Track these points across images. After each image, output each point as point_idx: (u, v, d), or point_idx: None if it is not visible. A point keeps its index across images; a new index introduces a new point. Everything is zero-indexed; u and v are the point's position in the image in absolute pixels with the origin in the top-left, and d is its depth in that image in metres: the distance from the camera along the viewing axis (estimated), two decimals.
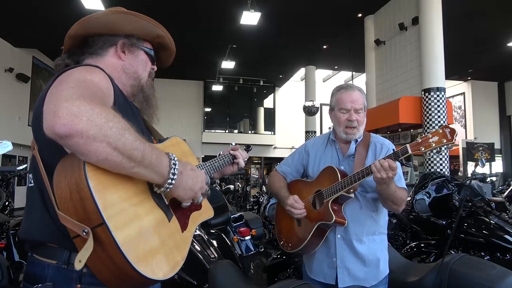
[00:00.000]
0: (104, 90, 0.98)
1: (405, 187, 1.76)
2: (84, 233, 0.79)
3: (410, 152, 1.50)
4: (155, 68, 1.31)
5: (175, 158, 0.96)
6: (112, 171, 0.85)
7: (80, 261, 0.78)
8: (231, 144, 1.59)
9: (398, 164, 1.79)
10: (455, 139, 1.44)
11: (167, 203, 1.02)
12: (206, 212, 1.25)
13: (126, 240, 0.82)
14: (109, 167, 0.84)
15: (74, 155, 0.83)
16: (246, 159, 1.57)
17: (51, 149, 0.93)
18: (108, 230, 0.79)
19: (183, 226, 1.07)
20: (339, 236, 1.76)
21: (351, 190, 1.65)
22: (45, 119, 0.80)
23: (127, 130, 0.84)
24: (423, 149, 1.49)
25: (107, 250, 0.81)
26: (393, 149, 1.66)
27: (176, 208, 1.05)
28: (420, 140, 1.50)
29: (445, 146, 1.46)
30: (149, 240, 0.90)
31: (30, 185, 1.04)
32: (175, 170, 0.94)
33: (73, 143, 0.78)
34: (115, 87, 1.06)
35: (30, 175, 1.04)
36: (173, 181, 0.94)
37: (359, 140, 1.83)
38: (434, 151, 1.50)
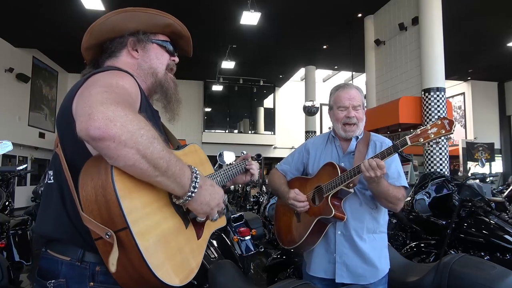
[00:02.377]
0: (133, 96, 0.99)
1: (406, 185, 1.76)
2: (107, 236, 0.81)
3: (409, 143, 1.51)
4: (176, 59, 1.29)
5: (197, 172, 0.97)
6: (137, 177, 0.87)
7: (113, 264, 0.80)
8: (243, 153, 1.56)
9: (398, 161, 1.79)
10: (453, 130, 1.44)
11: (184, 210, 1.03)
12: (220, 220, 1.25)
13: (147, 245, 0.83)
14: (134, 173, 0.85)
15: (101, 158, 0.84)
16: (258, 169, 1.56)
17: (76, 148, 0.94)
18: (131, 235, 0.81)
19: (199, 233, 1.09)
20: (339, 232, 1.77)
21: (351, 185, 1.66)
22: (80, 121, 0.81)
23: (156, 139, 0.85)
24: (422, 140, 1.49)
25: (128, 254, 0.82)
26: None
27: (192, 216, 1.06)
28: (419, 132, 1.51)
29: (444, 137, 1.47)
30: (168, 246, 0.92)
31: (49, 181, 1.05)
32: (196, 183, 0.95)
33: (105, 146, 0.79)
34: (142, 92, 1.07)
35: (50, 172, 1.05)
36: (193, 194, 0.95)
37: (359, 137, 1.84)
38: (433, 142, 1.50)
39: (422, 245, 3.29)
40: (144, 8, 1.16)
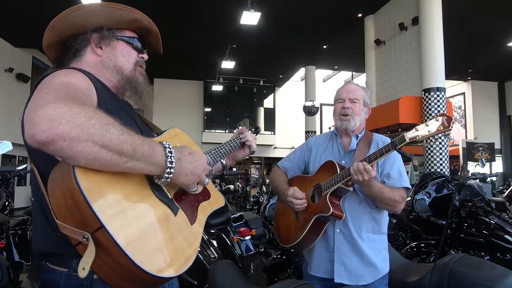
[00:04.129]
0: (84, 90, 0.94)
1: (408, 186, 1.76)
2: (85, 239, 0.77)
3: (407, 140, 1.51)
4: (145, 56, 1.23)
5: (170, 146, 0.92)
6: (105, 170, 0.81)
7: (84, 269, 0.76)
8: (238, 127, 1.54)
9: (401, 162, 1.79)
10: (451, 127, 1.45)
11: (170, 197, 0.98)
12: (216, 201, 1.20)
13: (129, 241, 0.79)
14: (100, 167, 0.80)
15: (63, 161, 0.80)
16: (256, 140, 1.51)
17: (44, 160, 0.91)
18: (108, 233, 0.76)
19: (192, 218, 1.03)
20: (338, 230, 1.77)
21: (350, 183, 1.66)
22: (25, 129, 0.77)
23: (111, 125, 0.80)
24: (420, 137, 1.49)
25: (110, 253, 0.78)
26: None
27: (181, 201, 1.02)
28: (417, 129, 1.52)
29: (442, 134, 1.47)
30: (155, 237, 0.87)
31: (32, 199, 1.04)
32: (172, 158, 0.90)
33: (57, 148, 0.74)
34: (97, 86, 1.02)
35: (31, 190, 1.05)
36: (172, 170, 0.90)
37: (360, 136, 1.85)
38: (432, 138, 1.51)
39: (422, 245, 3.28)
40: (107, 3, 1.11)
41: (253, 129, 1.59)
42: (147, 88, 1.21)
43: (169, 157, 0.90)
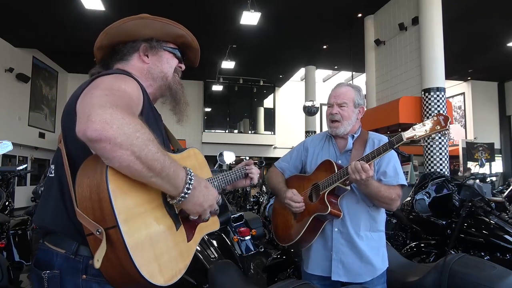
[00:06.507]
0: (134, 99, 1.03)
1: (404, 183, 1.77)
2: (98, 233, 0.85)
3: (404, 139, 1.52)
4: (183, 67, 1.36)
5: (192, 173, 1.00)
6: (132, 177, 0.91)
7: (98, 260, 0.84)
8: (245, 158, 1.59)
9: (397, 159, 1.80)
10: (448, 126, 1.46)
11: (177, 213, 1.07)
12: (213, 224, 1.29)
13: (135, 244, 0.87)
14: (129, 174, 0.89)
15: (98, 158, 0.88)
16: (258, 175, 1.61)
17: (77, 146, 0.97)
18: (120, 233, 0.85)
19: (189, 236, 1.12)
20: (336, 229, 1.78)
21: (347, 182, 1.66)
22: (79, 122, 0.85)
23: (151, 142, 0.89)
24: (417, 136, 1.50)
25: (116, 251, 0.86)
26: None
27: (185, 218, 1.09)
28: (414, 128, 1.52)
29: (440, 133, 1.49)
30: (156, 246, 0.95)
31: (50, 175, 1.09)
32: (190, 185, 0.98)
33: (101, 147, 0.83)
34: (145, 96, 1.10)
35: (52, 166, 1.09)
36: (186, 195, 0.99)
37: (356, 136, 1.85)
38: (430, 138, 1.52)
39: (422, 245, 3.29)
40: (159, 17, 1.23)
41: (257, 163, 1.66)
42: (184, 97, 1.34)
43: (187, 184, 0.98)
